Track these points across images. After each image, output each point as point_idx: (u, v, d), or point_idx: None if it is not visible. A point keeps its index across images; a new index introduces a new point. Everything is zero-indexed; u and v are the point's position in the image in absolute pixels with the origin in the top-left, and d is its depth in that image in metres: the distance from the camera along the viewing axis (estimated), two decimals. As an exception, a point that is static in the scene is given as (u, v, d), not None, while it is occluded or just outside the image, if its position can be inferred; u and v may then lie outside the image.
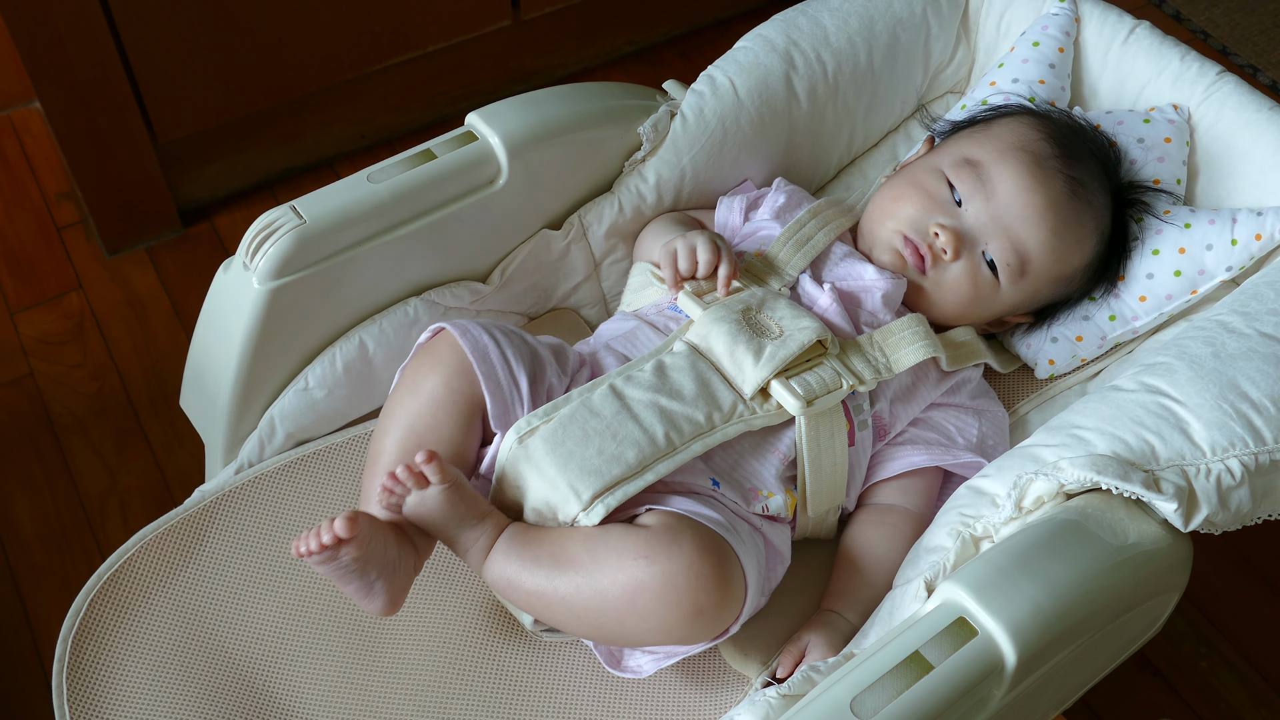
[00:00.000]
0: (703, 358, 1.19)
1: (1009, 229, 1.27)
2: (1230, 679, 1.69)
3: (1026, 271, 1.29)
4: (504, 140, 1.30)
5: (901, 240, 1.30)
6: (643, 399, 1.14)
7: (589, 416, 1.13)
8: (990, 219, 1.28)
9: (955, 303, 1.30)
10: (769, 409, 1.17)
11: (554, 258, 1.41)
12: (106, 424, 1.88)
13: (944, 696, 0.92)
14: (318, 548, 1.04)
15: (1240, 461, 1.05)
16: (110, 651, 1.15)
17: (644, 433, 1.12)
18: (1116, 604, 1.01)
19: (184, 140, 2.04)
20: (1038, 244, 1.28)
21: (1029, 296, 1.32)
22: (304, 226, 1.22)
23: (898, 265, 1.30)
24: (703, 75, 1.40)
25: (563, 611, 1.09)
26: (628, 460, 1.11)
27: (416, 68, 2.18)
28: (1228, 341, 1.13)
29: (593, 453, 1.11)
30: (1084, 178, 1.29)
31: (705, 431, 1.14)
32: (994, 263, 1.29)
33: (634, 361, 1.19)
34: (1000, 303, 1.31)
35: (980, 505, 1.09)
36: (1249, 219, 1.29)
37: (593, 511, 1.09)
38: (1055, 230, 1.27)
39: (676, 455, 1.12)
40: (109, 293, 2.05)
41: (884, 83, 1.49)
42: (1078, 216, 1.28)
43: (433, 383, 1.16)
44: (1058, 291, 1.33)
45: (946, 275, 1.29)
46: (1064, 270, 1.31)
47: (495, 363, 1.16)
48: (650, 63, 2.45)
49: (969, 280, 1.29)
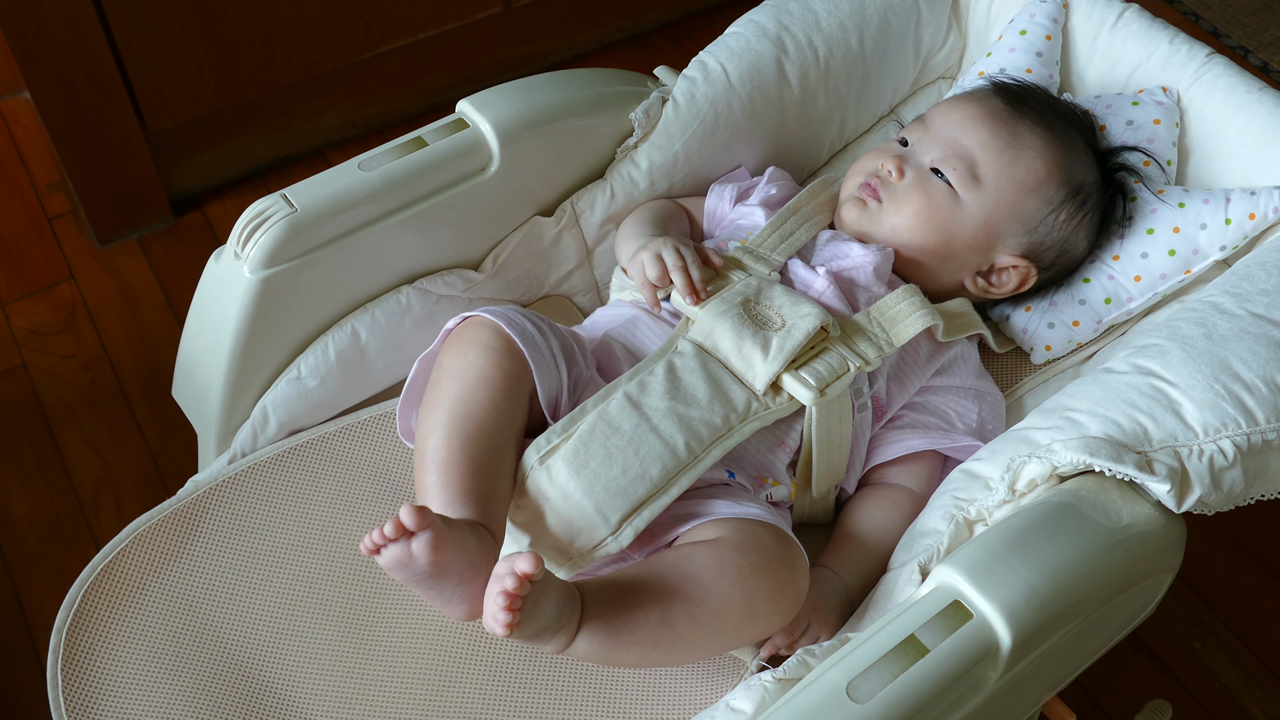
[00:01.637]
0: (711, 357, 1.18)
1: (946, 138, 1.30)
2: (1224, 660, 1.69)
3: (978, 174, 1.28)
4: (495, 127, 1.30)
5: (858, 187, 1.32)
6: (660, 407, 1.14)
7: (609, 432, 1.12)
8: (929, 139, 1.30)
9: (921, 224, 1.29)
10: (781, 402, 1.17)
11: (546, 245, 1.40)
12: (99, 414, 1.88)
13: (940, 680, 0.92)
14: (382, 541, 0.98)
15: (1232, 442, 1.06)
16: (105, 642, 1.15)
17: (665, 446, 1.12)
18: (1111, 586, 1.02)
19: (174, 130, 2.03)
20: (978, 144, 1.28)
21: (1004, 209, 1.29)
22: (295, 215, 1.21)
23: (860, 211, 1.31)
24: (694, 61, 1.40)
25: (681, 650, 1.08)
26: (652, 478, 1.10)
27: (407, 55, 2.17)
28: (1219, 322, 1.13)
29: (617, 472, 1.10)
30: (1028, 105, 1.31)
31: (723, 435, 1.14)
32: (942, 173, 1.29)
33: (643, 364, 1.18)
34: (967, 215, 1.29)
35: (973, 488, 1.10)
36: (1243, 198, 1.29)
37: (622, 535, 1.09)
38: (994, 132, 1.29)
39: (698, 464, 1.12)
40: (101, 283, 2.04)
41: (875, 68, 1.49)
42: (1024, 125, 1.30)
43: (482, 364, 1.12)
44: (1036, 209, 1.29)
45: (899, 194, 1.30)
46: (1024, 175, 1.29)
47: (540, 345, 1.14)
48: (642, 49, 2.45)
49: (921, 193, 1.29)
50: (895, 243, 1.30)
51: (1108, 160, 1.35)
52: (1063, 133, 1.31)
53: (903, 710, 0.90)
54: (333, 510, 1.26)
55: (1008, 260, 1.31)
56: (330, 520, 1.25)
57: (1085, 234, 1.33)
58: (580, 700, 1.15)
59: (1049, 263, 1.33)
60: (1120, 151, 1.35)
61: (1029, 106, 1.32)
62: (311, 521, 1.25)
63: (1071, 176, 1.30)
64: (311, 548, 1.23)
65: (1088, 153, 1.33)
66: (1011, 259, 1.31)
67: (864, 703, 0.90)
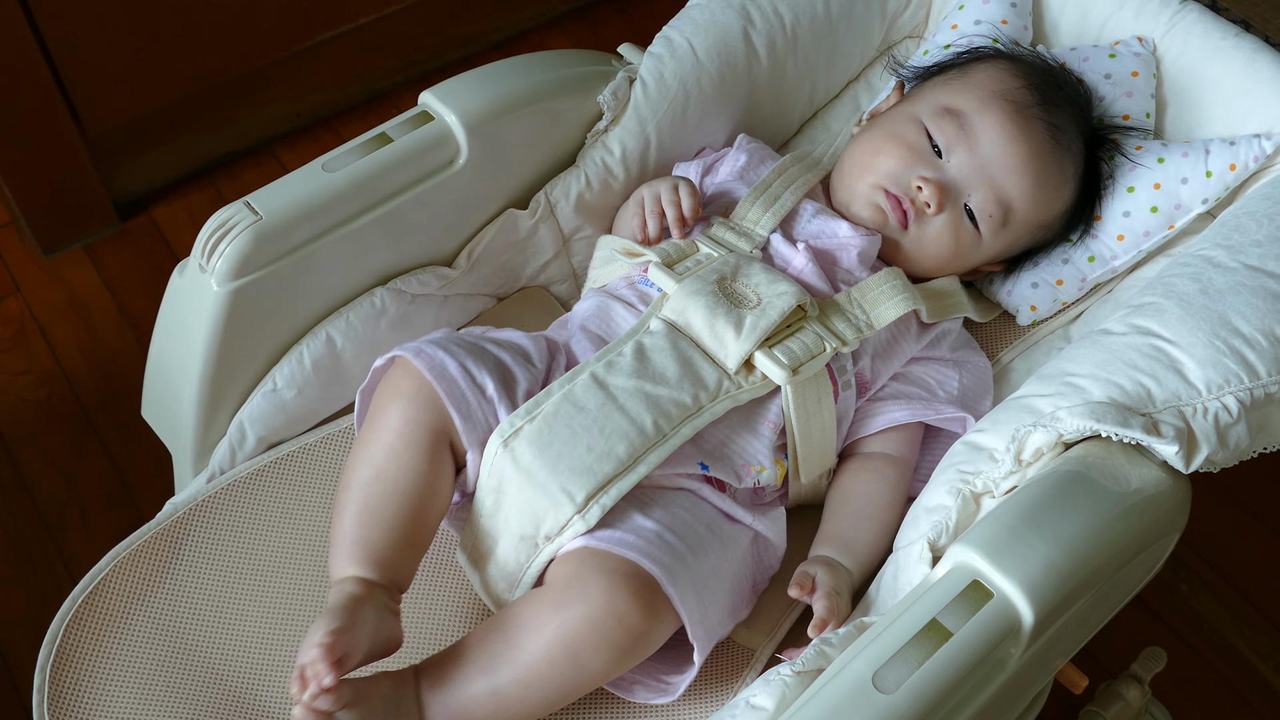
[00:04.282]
0: (682, 335, 1.16)
1: (992, 180, 1.25)
2: (1210, 600, 1.71)
3: (1009, 222, 1.27)
4: (461, 118, 1.27)
5: (883, 195, 1.27)
6: (626, 386, 1.11)
7: (574, 412, 1.10)
8: (974, 170, 1.25)
9: (935, 256, 1.29)
10: (754, 381, 1.15)
11: (522, 237, 1.38)
12: (58, 431, 1.84)
13: (965, 662, 0.90)
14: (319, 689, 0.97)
15: (1236, 398, 1.05)
16: (91, 677, 1.12)
17: (632, 423, 1.09)
18: (1125, 551, 1.00)
19: (114, 132, 1.99)
20: (1021, 194, 1.26)
21: (1008, 246, 1.31)
22: (260, 223, 1.18)
23: (878, 221, 1.28)
24: (659, 37, 1.37)
25: (526, 705, 1.05)
26: (619, 455, 1.08)
27: (349, 41, 2.13)
28: (1214, 277, 1.11)
29: (582, 450, 1.08)
30: (1063, 124, 1.28)
31: (693, 413, 1.12)
32: (974, 215, 1.27)
33: (612, 345, 1.16)
34: (980, 254, 1.30)
35: (978, 461, 1.08)
36: (1222, 149, 1.28)
37: (589, 513, 1.06)
38: (1038, 180, 1.26)
39: (667, 442, 1.10)
40: (49, 295, 2.00)
41: (842, 32, 1.46)
42: (1059, 164, 1.27)
43: (390, 417, 1.10)
44: (1035, 239, 1.32)
45: (929, 229, 1.27)
46: (1044, 218, 1.29)
47: (456, 377, 1.10)
48: (588, 22, 2.41)
49: (951, 233, 1.27)
50: (899, 256, 1.29)
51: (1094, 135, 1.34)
52: (1078, 150, 1.30)
53: (931, 697, 0.89)
54: (318, 523, 1.23)
55: (989, 267, 1.35)
56: (317, 533, 1.23)
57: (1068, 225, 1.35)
58: (585, 703, 1.13)
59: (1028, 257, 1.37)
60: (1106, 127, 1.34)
61: (1065, 129, 1.28)
62: (297, 536, 1.23)
63: (1076, 200, 1.32)
64: (299, 562, 1.21)
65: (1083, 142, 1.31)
66: (995, 265, 1.35)
67: (891, 692, 0.88)
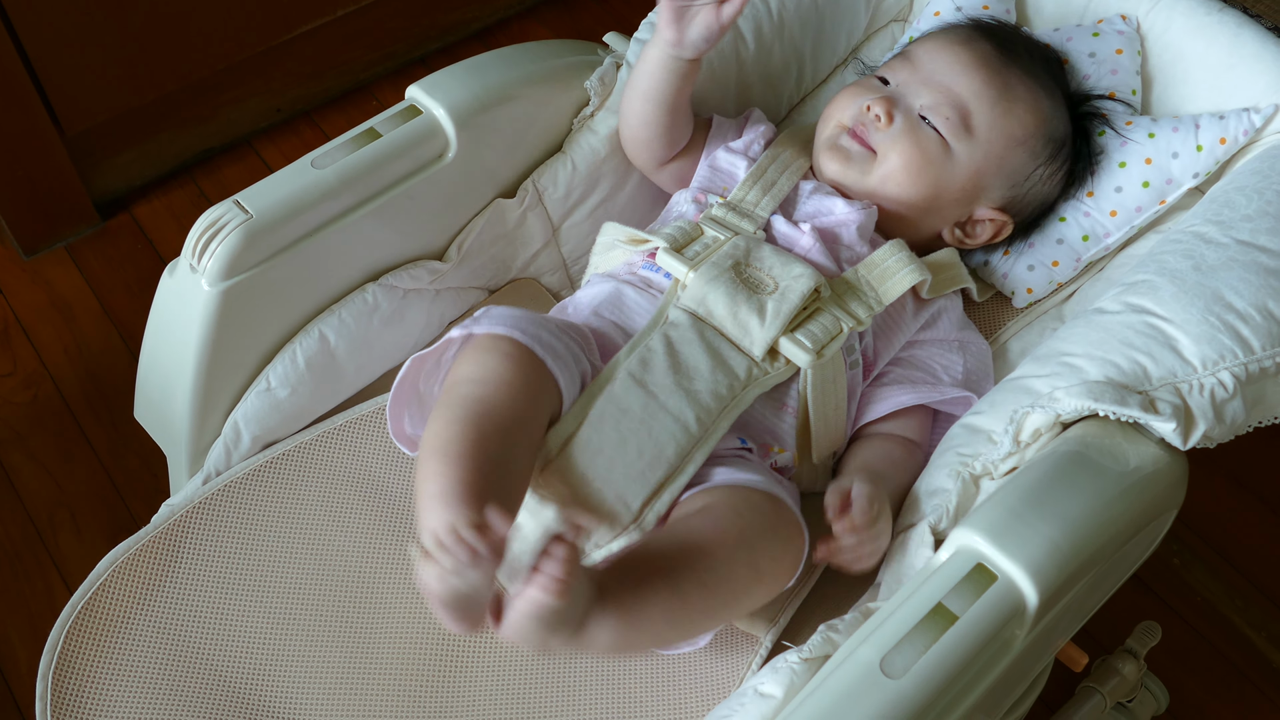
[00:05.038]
0: (706, 325, 1.16)
1: (938, 84, 1.27)
2: (1203, 573, 1.72)
3: (970, 125, 1.26)
4: (449, 111, 1.26)
5: (839, 131, 1.29)
6: (665, 384, 1.11)
7: (619, 415, 1.09)
8: (919, 82, 1.27)
9: (912, 177, 1.26)
10: (779, 366, 1.16)
11: (511, 227, 1.37)
12: (45, 433, 1.82)
13: (972, 646, 0.91)
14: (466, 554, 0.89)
15: (1231, 373, 1.05)
16: (94, 683, 1.11)
17: (677, 423, 1.09)
18: (1126, 530, 1.01)
19: (93, 130, 1.98)
20: (972, 92, 1.26)
21: (993, 163, 1.27)
22: (250, 221, 1.17)
23: (842, 160, 1.28)
24: (644, 23, 1.36)
25: (696, 622, 1.04)
26: (669, 458, 1.08)
27: (327, 34, 2.12)
28: (1206, 253, 1.12)
29: (633, 456, 1.07)
30: (1018, 52, 1.29)
31: (729, 404, 1.12)
32: (931, 120, 1.26)
33: (638, 338, 1.15)
34: (960, 169, 1.27)
35: (977, 443, 1.08)
36: (1211, 123, 1.28)
37: (645, 520, 1.06)
38: (988, 80, 1.26)
39: (711, 437, 1.10)
40: (31, 296, 1.98)
41: (828, 15, 1.46)
42: (1015, 74, 1.27)
43: (502, 369, 1.04)
44: (1023, 163, 1.28)
45: (891, 147, 1.26)
46: (1015, 128, 1.27)
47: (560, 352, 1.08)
48: (567, 8, 2.39)
49: (912, 141, 1.25)
50: (883, 195, 1.27)
51: (1078, 105, 1.33)
52: (1047, 83, 1.30)
53: (939, 680, 0.89)
54: (317, 521, 1.22)
55: (987, 213, 1.30)
56: (316, 532, 1.22)
57: (1062, 184, 1.32)
58: (594, 696, 1.13)
59: (1026, 215, 1.33)
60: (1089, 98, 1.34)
61: (1018, 54, 1.29)
62: (296, 535, 1.22)
63: (1055, 130, 1.29)
64: (299, 562, 1.20)
65: (1061, 98, 1.31)
66: (991, 212, 1.30)
67: (899, 678, 0.89)
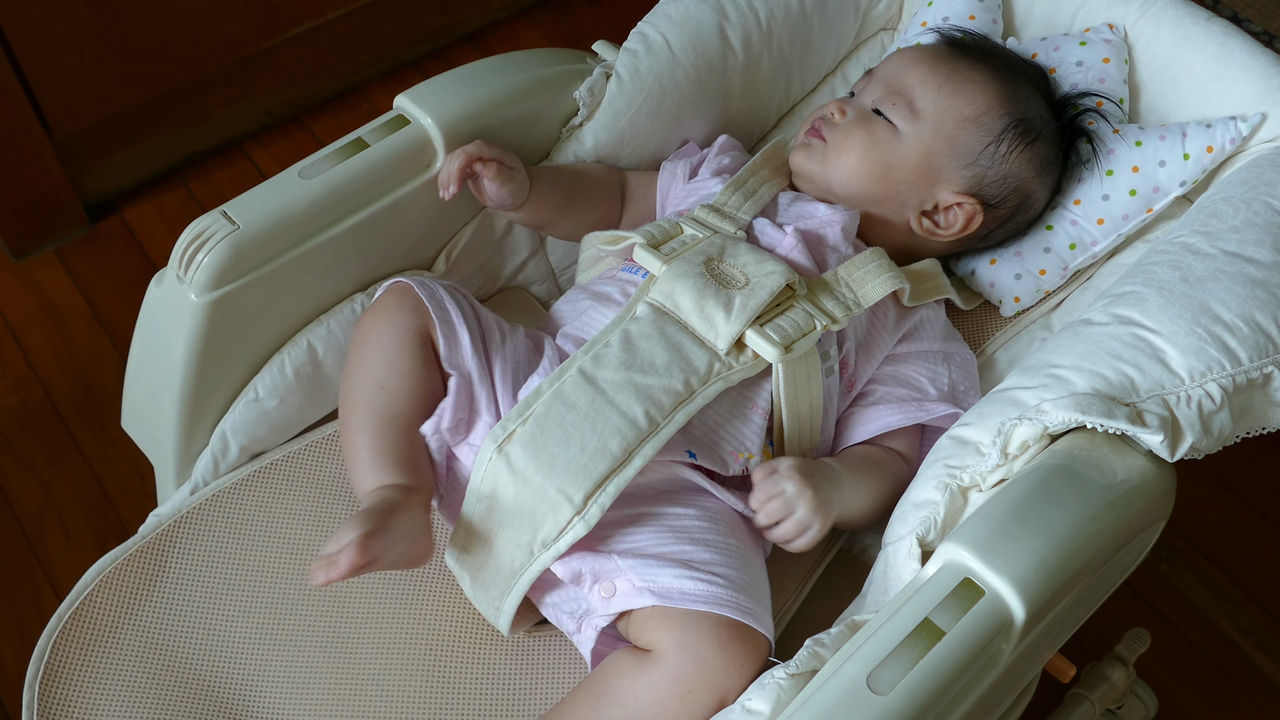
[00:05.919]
0: (669, 319, 1.16)
1: (886, 80, 1.31)
2: (1191, 578, 1.72)
3: (916, 108, 1.28)
4: (438, 122, 1.26)
5: (804, 131, 1.33)
6: (615, 379, 1.11)
7: (564, 410, 1.09)
8: (873, 84, 1.32)
9: (862, 161, 1.28)
10: (745, 361, 1.15)
11: (498, 236, 1.37)
12: (34, 437, 1.82)
13: (958, 661, 0.90)
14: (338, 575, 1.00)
15: (1219, 385, 1.05)
16: (81, 693, 1.11)
17: (623, 417, 1.09)
18: (1114, 542, 1.01)
19: (83, 133, 1.97)
20: (917, 79, 1.29)
21: (943, 142, 1.28)
22: (238, 233, 1.17)
23: (804, 152, 1.31)
24: (634, 33, 1.36)
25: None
26: (613, 451, 1.08)
27: (317, 37, 2.12)
28: (1194, 264, 1.12)
29: (575, 450, 1.07)
30: (972, 48, 1.32)
31: (685, 399, 1.11)
32: (883, 112, 1.29)
33: (598, 335, 1.15)
34: (909, 149, 1.28)
35: (964, 455, 1.08)
36: (1199, 131, 1.28)
37: (589, 513, 1.06)
38: (934, 68, 1.29)
39: (660, 432, 1.09)
40: (20, 299, 1.98)
41: (817, 25, 1.46)
42: (965, 62, 1.30)
43: (380, 328, 1.16)
44: (975, 139, 1.28)
45: (841, 133, 1.29)
46: (964, 107, 1.28)
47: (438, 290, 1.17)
48: (559, 12, 2.39)
49: (862, 129, 1.29)
50: (839, 182, 1.29)
51: (1064, 110, 1.33)
52: (1006, 72, 1.30)
53: (925, 696, 0.89)
54: (305, 531, 1.23)
55: (951, 198, 1.29)
56: (303, 541, 1.22)
57: (1035, 170, 1.30)
58: (582, 709, 1.13)
59: (996, 199, 1.30)
60: (1075, 99, 1.34)
61: (971, 50, 1.31)
62: (284, 545, 1.22)
63: (1014, 109, 1.29)
64: (287, 571, 1.20)
65: (1037, 94, 1.31)
66: (954, 196, 1.29)
67: (886, 693, 0.89)
